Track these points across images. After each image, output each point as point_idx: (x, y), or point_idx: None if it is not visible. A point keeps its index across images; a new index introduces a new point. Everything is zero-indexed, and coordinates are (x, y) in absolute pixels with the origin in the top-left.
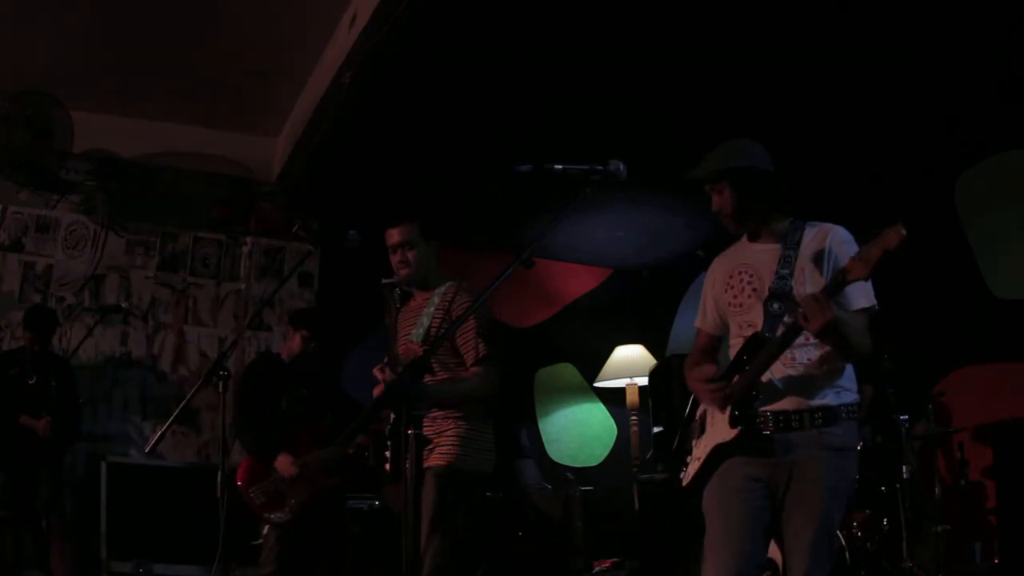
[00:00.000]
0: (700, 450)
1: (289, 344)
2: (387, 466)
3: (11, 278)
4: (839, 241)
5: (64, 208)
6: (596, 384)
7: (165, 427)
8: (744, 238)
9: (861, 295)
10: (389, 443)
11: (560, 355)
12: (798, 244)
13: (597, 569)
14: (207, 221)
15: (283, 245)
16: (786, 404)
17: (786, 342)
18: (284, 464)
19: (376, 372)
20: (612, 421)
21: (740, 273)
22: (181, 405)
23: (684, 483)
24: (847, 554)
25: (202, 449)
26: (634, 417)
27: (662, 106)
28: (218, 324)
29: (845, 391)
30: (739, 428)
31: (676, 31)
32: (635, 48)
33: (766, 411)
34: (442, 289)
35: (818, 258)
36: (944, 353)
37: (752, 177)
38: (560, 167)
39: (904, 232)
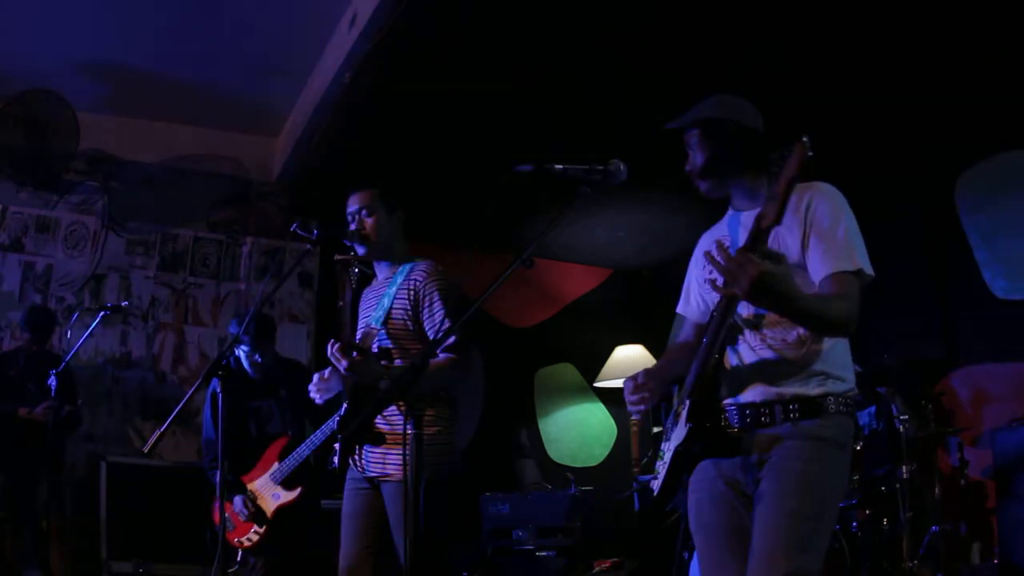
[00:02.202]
0: (668, 454)
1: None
2: (335, 459)
3: (11, 278)
4: (819, 194)
5: (64, 208)
6: (596, 384)
7: (164, 427)
8: (730, 209)
9: (830, 257)
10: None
11: (560, 355)
12: None
13: (597, 569)
14: (207, 221)
15: (283, 245)
16: (752, 395)
17: (723, 319)
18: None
19: (329, 355)
20: (612, 421)
21: (718, 247)
22: (180, 405)
23: (655, 492)
24: (847, 554)
25: (202, 449)
26: (634, 417)
27: (662, 105)
28: (218, 324)
29: (833, 379)
30: (689, 425)
31: (677, 29)
32: (635, 47)
33: (731, 404)
34: (407, 269)
35: (795, 220)
36: (944, 353)
37: (727, 130)
38: (560, 167)
39: (807, 149)
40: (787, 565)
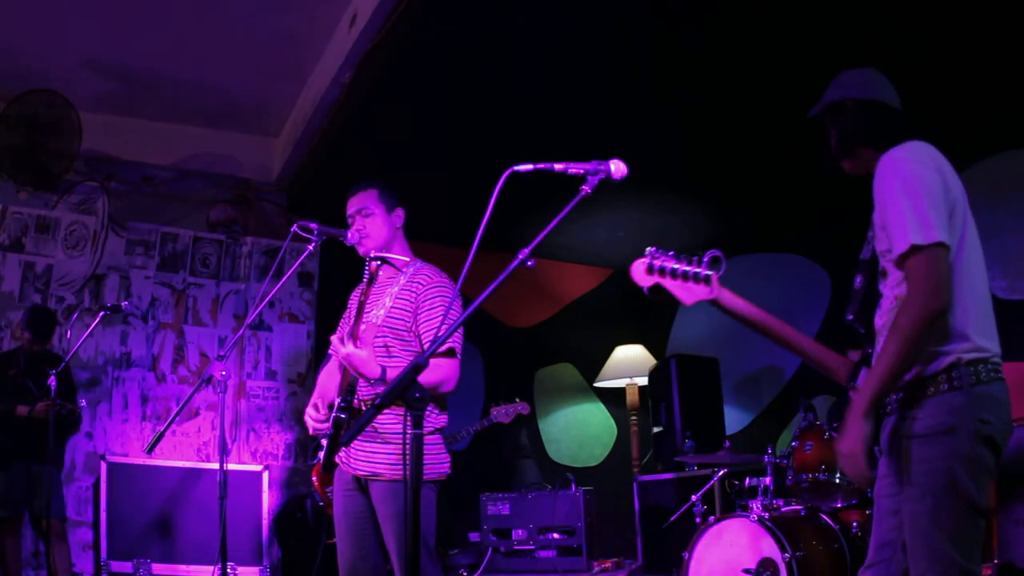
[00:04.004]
0: None
1: None
2: (320, 455)
3: (11, 278)
4: (877, 173)
5: (64, 208)
6: (596, 384)
7: (165, 427)
8: None
9: (892, 244)
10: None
11: (560, 355)
12: None
13: (597, 569)
14: (207, 221)
15: (283, 245)
16: None
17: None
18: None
19: (334, 340)
20: (612, 421)
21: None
22: (182, 405)
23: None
24: (847, 554)
25: (202, 449)
26: (634, 417)
27: (662, 107)
28: (218, 324)
29: (930, 356)
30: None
31: (676, 29)
32: (635, 46)
33: None
34: (411, 270)
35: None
36: None
37: (845, 108)
38: (560, 167)
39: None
40: None
